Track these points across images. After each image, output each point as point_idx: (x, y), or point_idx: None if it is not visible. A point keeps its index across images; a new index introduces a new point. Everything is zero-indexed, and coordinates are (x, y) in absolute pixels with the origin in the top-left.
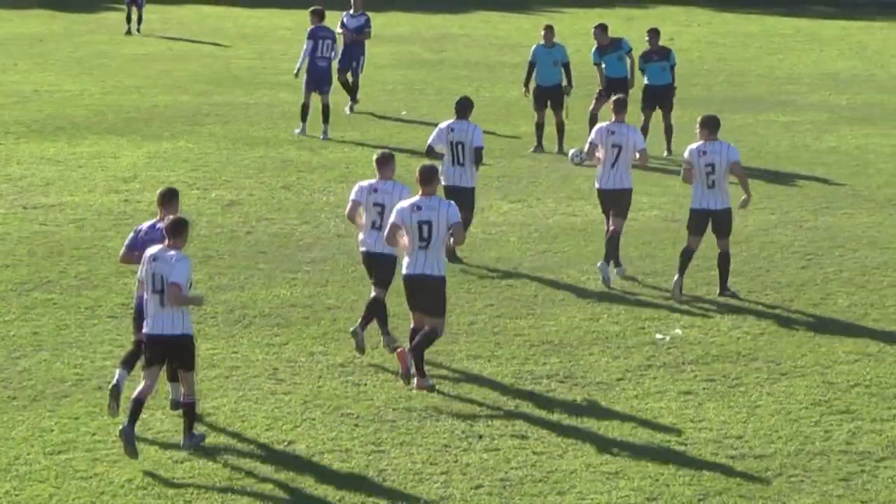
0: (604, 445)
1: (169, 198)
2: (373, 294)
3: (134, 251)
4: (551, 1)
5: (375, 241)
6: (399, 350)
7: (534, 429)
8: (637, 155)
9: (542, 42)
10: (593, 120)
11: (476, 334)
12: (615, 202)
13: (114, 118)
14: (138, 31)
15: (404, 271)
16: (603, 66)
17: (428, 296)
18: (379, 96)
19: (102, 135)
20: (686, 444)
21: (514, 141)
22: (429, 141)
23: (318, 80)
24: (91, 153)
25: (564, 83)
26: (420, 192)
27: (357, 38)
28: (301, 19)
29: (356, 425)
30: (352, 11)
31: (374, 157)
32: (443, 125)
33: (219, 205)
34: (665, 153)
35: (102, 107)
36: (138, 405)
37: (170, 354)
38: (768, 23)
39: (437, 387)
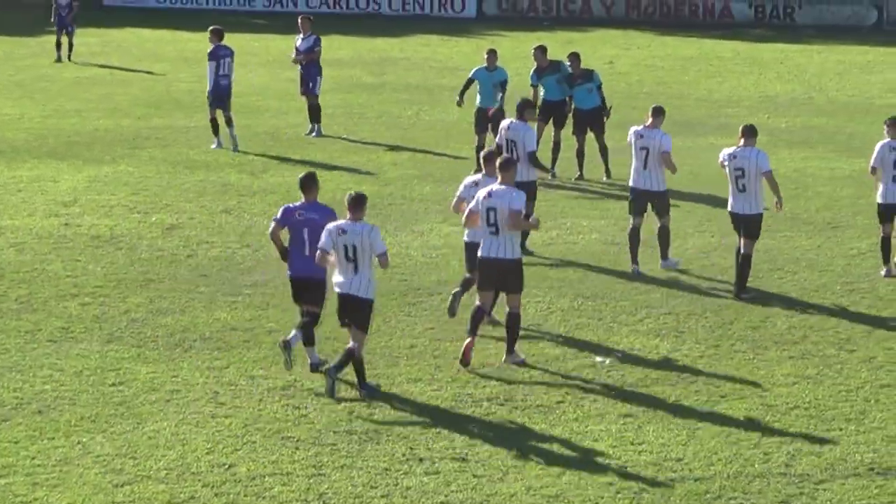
0: (544, 468)
1: (308, 183)
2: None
3: (281, 227)
4: (491, 25)
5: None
6: (468, 342)
7: (474, 452)
8: (661, 157)
9: (484, 65)
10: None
11: (416, 357)
12: (652, 203)
13: (54, 142)
14: (69, 58)
15: (479, 254)
16: (541, 88)
17: (503, 277)
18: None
19: (42, 159)
20: (626, 467)
21: (455, 163)
22: (496, 141)
23: (221, 97)
24: (31, 177)
25: (497, 106)
26: (498, 181)
27: (308, 58)
28: (241, 43)
29: (297, 448)
30: (302, 35)
31: (482, 154)
32: (503, 123)
33: (159, 228)
34: (604, 177)
35: (43, 130)
36: (349, 355)
37: (351, 312)
38: (707, 46)
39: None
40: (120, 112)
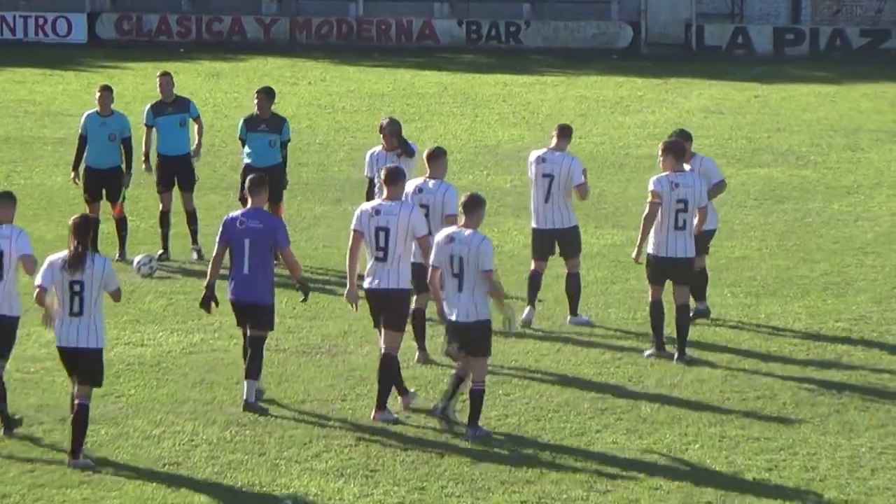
0: None
1: (258, 186)
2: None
3: (223, 246)
4: (108, 53)
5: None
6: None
7: None
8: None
9: (96, 109)
10: (192, 216)
11: None
12: (559, 242)
13: None
14: None
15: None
16: (156, 131)
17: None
18: None
19: None
20: None
21: (61, 242)
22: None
23: None
24: None
25: (124, 166)
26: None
27: None
28: None
29: None
30: None
31: (425, 153)
32: (371, 151)
33: None
34: None
35: None
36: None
37: (468, 341)
38: (404, 78)
39: None
40: None
